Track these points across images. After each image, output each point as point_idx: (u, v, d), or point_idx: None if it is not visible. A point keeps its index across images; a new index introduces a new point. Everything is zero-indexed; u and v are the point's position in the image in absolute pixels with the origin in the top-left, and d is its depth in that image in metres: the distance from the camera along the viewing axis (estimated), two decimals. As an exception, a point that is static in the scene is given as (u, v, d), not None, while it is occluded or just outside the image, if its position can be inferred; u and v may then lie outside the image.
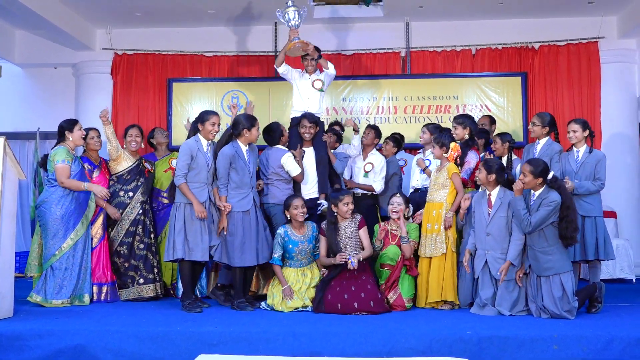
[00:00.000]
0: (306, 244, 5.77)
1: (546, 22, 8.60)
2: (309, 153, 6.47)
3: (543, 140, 6.17)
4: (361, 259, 5.64)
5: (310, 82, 6.68)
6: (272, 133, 6.42)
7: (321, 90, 6.67)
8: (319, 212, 6.16)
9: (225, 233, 5.64)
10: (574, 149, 6.03)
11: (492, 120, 7.53)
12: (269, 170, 6.23)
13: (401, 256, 5.71)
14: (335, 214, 5.78)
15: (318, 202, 6.27)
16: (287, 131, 6.58)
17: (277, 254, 5.75)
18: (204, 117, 5.76)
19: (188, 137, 5.87)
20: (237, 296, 5.70)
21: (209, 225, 5.65)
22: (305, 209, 5.82)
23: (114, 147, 6.28)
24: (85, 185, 5.85)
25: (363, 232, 5.80)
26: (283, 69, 6.80)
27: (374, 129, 6.87)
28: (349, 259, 5.55)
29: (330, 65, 6.71)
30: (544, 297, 5.20)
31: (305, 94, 6.69)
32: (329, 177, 6.61)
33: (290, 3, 6.60)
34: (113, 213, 6.19)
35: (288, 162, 6.19)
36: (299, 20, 6.61)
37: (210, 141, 5.80)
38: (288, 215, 5.81)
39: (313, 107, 6.64)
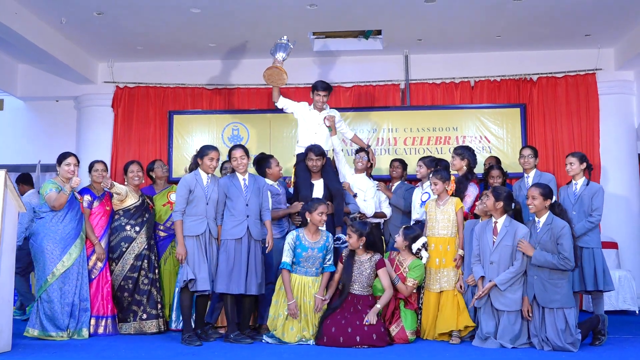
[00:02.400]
0: (316, 251, 5.67)
1: (544, 55, 8.68)
2: (318, 185, 6.47)
3: (532, 173, 6.37)
4: (379, 313, 5.56)
5: (321, 118, 6.74)
6: (261, 163, 6.47)
7: (330, 128, 6.75)
8: (337, 246, 6.04)
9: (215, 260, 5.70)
10: (573, 181, 6.13)
11: (498, 160, 7.59)
12: None
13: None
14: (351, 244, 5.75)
15: (337, 236, 6.18)
16: (279, 165, 6.60)
17: (287, 258, 5.67)
18: (203, 151, 5.84)
19: (190, 171, 5.91)
20: (231, 328, 5.66)
21: (209, 258, 5.67)
22: (326, 217, 5.75)
23: (122, 194, 6.29)
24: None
25: (382, 273, 5.68)
26: (282, 104, 6.91)
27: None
28: (366, 321, 5.46)
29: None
30: (547, 329, 5.17)
31: (312, 129, 6.74)
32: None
33: (284, 39, 6.72)
34: (100, 253, 6.12)
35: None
36: (285, 57, 6.82)
37: (210, 175, 5.83)
38: (308, 218, 5.72)
39: (320, 143, 6.65)
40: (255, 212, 5.82)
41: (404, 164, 7.32)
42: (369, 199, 6.68)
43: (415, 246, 5.81)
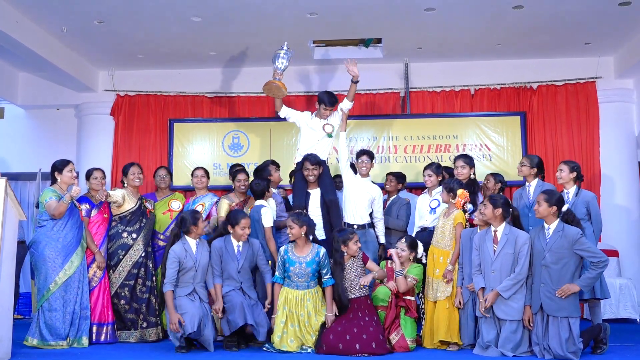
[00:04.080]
0: (304, 265, 5.64)
1: (544, 63, 8.69)
2: (314, 195, 6.46)
3: (534, 183, 6.33)
4: (375, 277, 5.69)
5: (322, 126, 6.72)
6: (260, 173, 6.45)
7: (330, 135, 6.73)
8: None
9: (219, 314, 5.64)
10: (564, 190, 6.13)
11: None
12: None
13: (392, 295, 5.67)
14: (345, 254, 5.71)
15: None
16: (278, 171, 6.61)
17: (278, 272, 5.74)
18: (193, 221, 5.72)
19: (173, 240, 5.76)
20: (230, 336, 5.69)
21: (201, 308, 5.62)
22: (294, 230, 5.61)
23: (119, 201, 6.31)
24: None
25: (371, 264, 5.78)
26: (284, 113, 6.91)
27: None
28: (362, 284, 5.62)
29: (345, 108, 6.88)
30: (550, 338, 5.14)
31: (315, 137, 6.72)
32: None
33: (285, 47, 6.72)
34: (100, 262, 6.12)
35: (262, 213, 6.15)
36: (286, 65, 6.75)
37: (198, 239, 5.80)
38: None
39: (320, 151, 6.65)
40: (248, 278, 5.81)
41: (398, 177, 7.27)
42: (379, 216, 6.58)
43: (420, 251, 5.88)
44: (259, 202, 6.27)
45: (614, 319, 7.25)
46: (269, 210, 6.19)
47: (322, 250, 5.72)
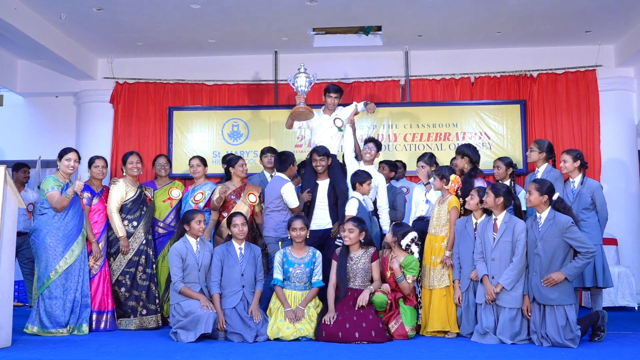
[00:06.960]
0: (303, 266, 5.76)
1: (544, 51, 8.67)
2: (323, 185, 6.46)
3: (542, 167, 6.31)
4: (371, 292, 5.62)
5: (332, 121, 6.72)
6: (284, 158, 6.46)
7: (340, 129, 6.72)
8: (339, 243, 6.05)
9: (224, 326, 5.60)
10: (570, 179, 6.11)
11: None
12: (268, 199, 6.26)
13: (388, 303, 5.65)
14: (343, 242, 5.77)
15: (339, 235, 6.21)
16: (296, 166, 6.63)
17: (278, 275, 5.78)
18: (187, 217, 5.81)
19: (176, 240, 5.90)
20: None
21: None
22: (304, 232, 5.80)
23: (123, 195, 6.32)
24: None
25: (375, 265, 5.76)
26: (296, 126, 6.92)
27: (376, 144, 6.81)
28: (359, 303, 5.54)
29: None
30: (547, 326, 5.16)
31: (327, 133, 6.71)
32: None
33: (302, 69, 6.71)
34: (96, 252, 6.12)
35: (287, 192, 6.22)
36: (308, 88, 6.73)
37: (199, 238, 5.82)
38: (289, 236, 5.86)
39: (332, 146, 6.64)
40: (250, 282, 5.77)
41: (391, 166, 7.29)
42: (383, 205, 6.53)
43: (404, 242, 5.81)
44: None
45: (612, 307, 7.28)
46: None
47: (318, 252, 5.89)
